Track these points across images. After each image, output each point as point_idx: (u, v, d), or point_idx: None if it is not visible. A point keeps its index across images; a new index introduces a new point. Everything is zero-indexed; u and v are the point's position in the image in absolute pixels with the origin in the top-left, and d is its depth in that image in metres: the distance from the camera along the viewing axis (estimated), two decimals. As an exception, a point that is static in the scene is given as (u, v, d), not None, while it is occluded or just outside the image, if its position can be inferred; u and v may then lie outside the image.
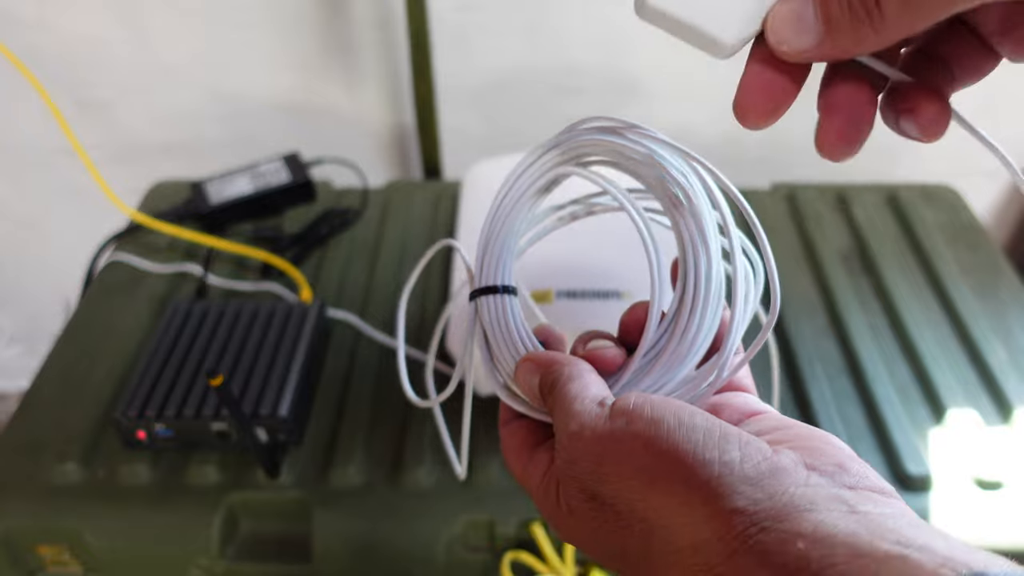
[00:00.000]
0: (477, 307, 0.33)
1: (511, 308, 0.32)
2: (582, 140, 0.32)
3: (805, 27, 0.24)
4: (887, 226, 0.78)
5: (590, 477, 0.26)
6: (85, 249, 0.80)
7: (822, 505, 0.22)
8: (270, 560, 0.56)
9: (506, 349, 0.32)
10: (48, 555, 0.57)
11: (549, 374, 0.30)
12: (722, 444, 0.24)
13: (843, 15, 0.24)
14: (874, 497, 0.23)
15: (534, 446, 0.31)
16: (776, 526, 0.22)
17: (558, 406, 0.28)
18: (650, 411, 0.25)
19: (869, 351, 0.65)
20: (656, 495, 0.24)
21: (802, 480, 0.23)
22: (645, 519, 0.24)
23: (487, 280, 0.33)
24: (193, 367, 0.60)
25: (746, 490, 0.23)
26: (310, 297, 0.70)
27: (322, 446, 0.59)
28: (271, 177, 0.82)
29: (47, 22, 0.90)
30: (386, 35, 0.90)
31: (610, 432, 0.25)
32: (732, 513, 0.22)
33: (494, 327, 0.32)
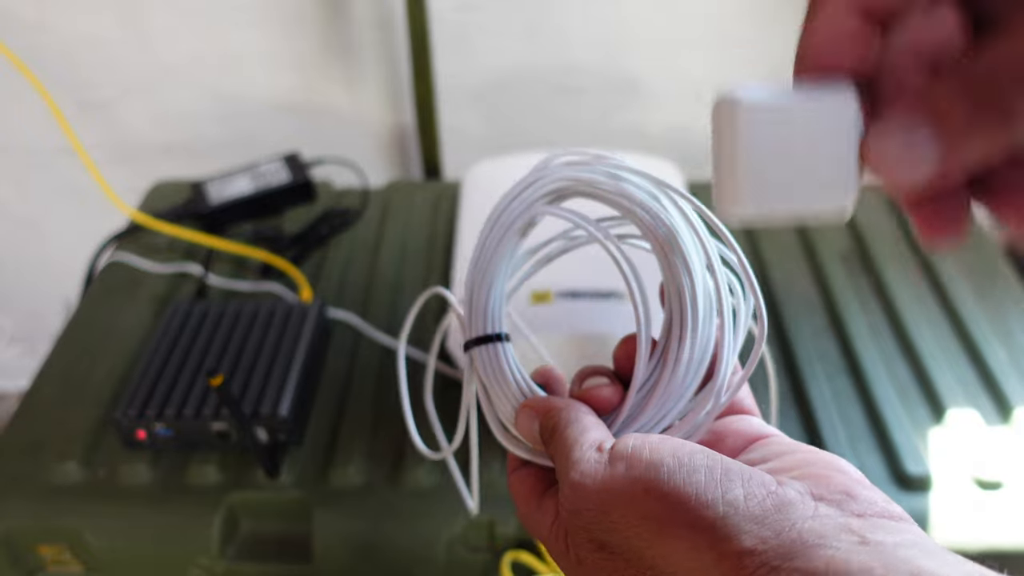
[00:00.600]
0: (471, 359, 0.33)
1: (504, 355, 0.32)
2: (554, 176, 0.31)
3: (920, 153, 0.21)
4: (887, 226, 0.78)
5: (596, 527, 0.25)
6: (85, 249, 0.80)
7: (832, 538, 0.21)
8: (270, 560, 0.56)
9: (504, 398, 0.32)
10: (48, 555, 0.57)
11: (548, 420, 0.29)
12: (724, 483, 0.23)
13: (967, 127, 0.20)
14: (885, 524, 0.23)
15: (542, 493, 0.31)
16: (786, 565, 0.21)
17: (559, 452, 0.28)
18: (648, 454, 0.25)
19: (869, 351, 0.65)
20: (662, 541, 0.23)
21: (809, 512, 0.22)
22: (654, 566, 0.24)
23: (477, 330, 0.32)
24: (193, 367, 0.60)
25: (753, 529, 0.22)
26: (310, 297, 0.70)
27: (322, 446, 0.59)
28: (271, 177, 0.82)
29: (48, 22, 0.90)
30: (386, 35, 0.90)
31: (611, 479, 0.25)
32: (740, 555, 0.22)
33: (490, 377, 0.32)
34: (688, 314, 0.29)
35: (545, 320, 0.57)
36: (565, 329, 0.57)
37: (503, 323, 0.33)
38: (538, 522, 0.30)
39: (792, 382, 0.63)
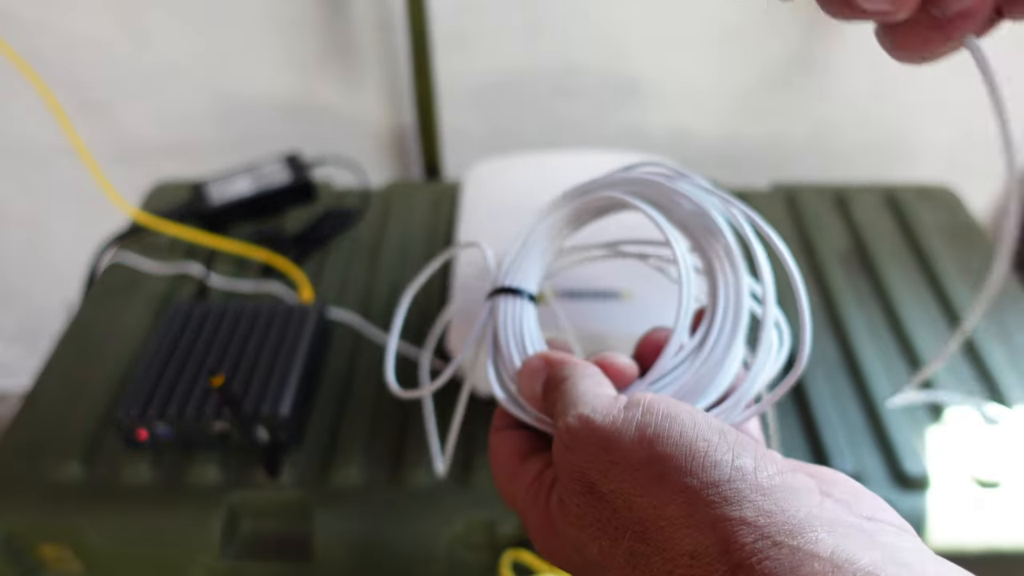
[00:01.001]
0: (493, 305, 0.32)
1: (529, 315, 0.31)
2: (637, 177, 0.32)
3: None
4: (886, 226, 0.79)
5: (593, 465, 0.24)
6: (86, 249, 0.80)
7: (840, 530, 0.20)
8: (271, 559, 0.56)
9: (516, 352, 0.31)
10: (49, 554, 0.57)
11: (559, 371, 0.28)
12: (737, 448, 0.22)
13: None
14: (892, 530, 0.21)
15: (525, 454, 0.30)
16: (789, 542, 0.20)
17: (564, 400, 0.27)
18: (666, 407, 0.24)
19: (868, 351, 0.65)
20: (660, 491, 0.22)
21: (816, 502, 0.21)
22: (642, 519, 0.22)
23: (512, 281, 0.32)
24: (194, 367, 0.60)
25: (758, 500, 0.21)
26: (311, 297, 0.71)
27: (322, 446, 0.59)
28: (272, 177, 0.82)
29: (48, 23, 0.90)
30: (386, 35, 0.90)
31: (623, 420, 0.24)
32: (740, 523, 0.20)
33: (507, 328, 0.31)
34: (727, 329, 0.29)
35: (545, 320, 0.57)
36: (565, 329, 0.57)
37: (535, 287, 0.32)
38: (516, 482, 0.29)
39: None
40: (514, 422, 0.31)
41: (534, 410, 0.30)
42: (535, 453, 0.30)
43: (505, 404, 0.31)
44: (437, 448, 0.40)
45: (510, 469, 0.30)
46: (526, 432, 0.31)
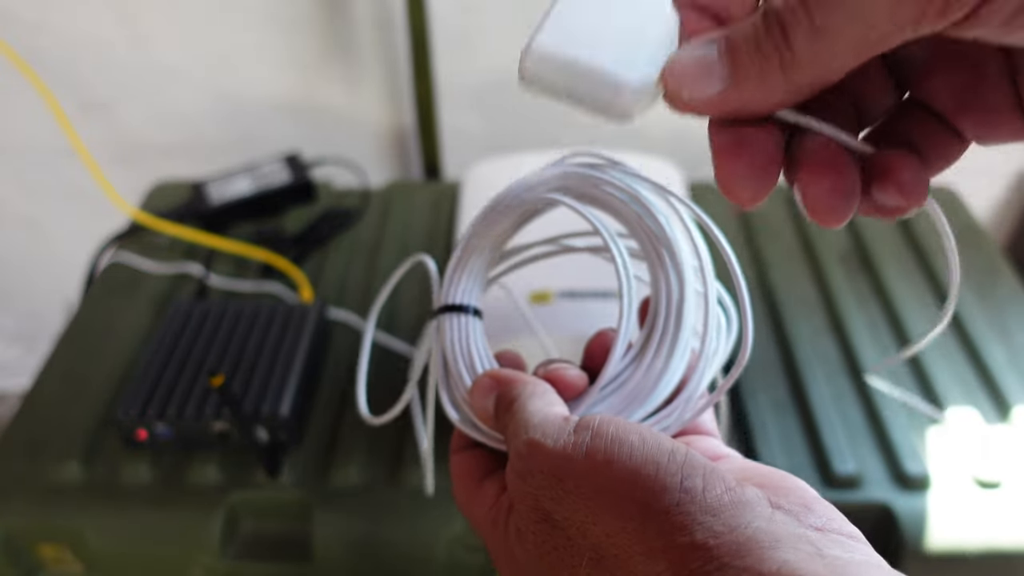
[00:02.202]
0: (439, 324, 0.32)
1: (474, 330, 0.31)
2: (568, 173, 0.31)
3: (709, 72, 0.22)
4: (886, 226, 0.78)
5: (545, 493, 0.24)
6: (86, 249, 0.80)
7: (787, 544, 0.20)
8: (270, 560, 0.56)
9: (464, 371, 0.31)
10: (49, 554, 0.57)
11: (509, 391, 0.28)
12: (686, 469, 0.22)
13: (751, 56, 0.21)
14: (841, 540, 0.22)
15: (482, 477, 0.30)
16: (736, 563, 0.20)
17: (515, 421, 0.27)
18: (615, 430, 0.24)
19: (868, 351, 0.65)
20: (612, 519, 0.22)
21: (766, 515, 0.21)
22: (597, 546, 0.23)
23: (452, 298, 0.32)
24: (194, 367, 0.60)
25: (706, 521, 0.21)
26: (311, 297, 0.71)
27: (322, 446, 0.59)
28: (272, 177, 0.82)
29: (48, 22, 0.90)
30: (386, 35, 0.90)
31: (573, 446, 0.24)
32: (689, 546, 0.21)
33: (453, 348, 0.31)
34: (671, 324, 0.29)
35: (545, 320, 0.57)
36: (565, 329, 0.57)
37: (478, 300, 0.32)
38: (476, 504, 0.29)
39: (792, 382, 0.63)
40: (470, 443, 0.31)
41: (488, 429, 0.30)
42: (492, 474, 0.30)
43: (458, 424, 0.31)
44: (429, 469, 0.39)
45: (468, 492, 0.29)
46: (483, 452, 0.31)
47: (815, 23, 0.20)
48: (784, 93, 0.21)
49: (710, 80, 0.22)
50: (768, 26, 0.20)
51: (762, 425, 0.59)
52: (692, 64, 0.22)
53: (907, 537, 0.53)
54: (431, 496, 0.40)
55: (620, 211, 0.31)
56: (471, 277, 0.32)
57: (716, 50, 0.22)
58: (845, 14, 0.19)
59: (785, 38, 0.20)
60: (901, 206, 0.24)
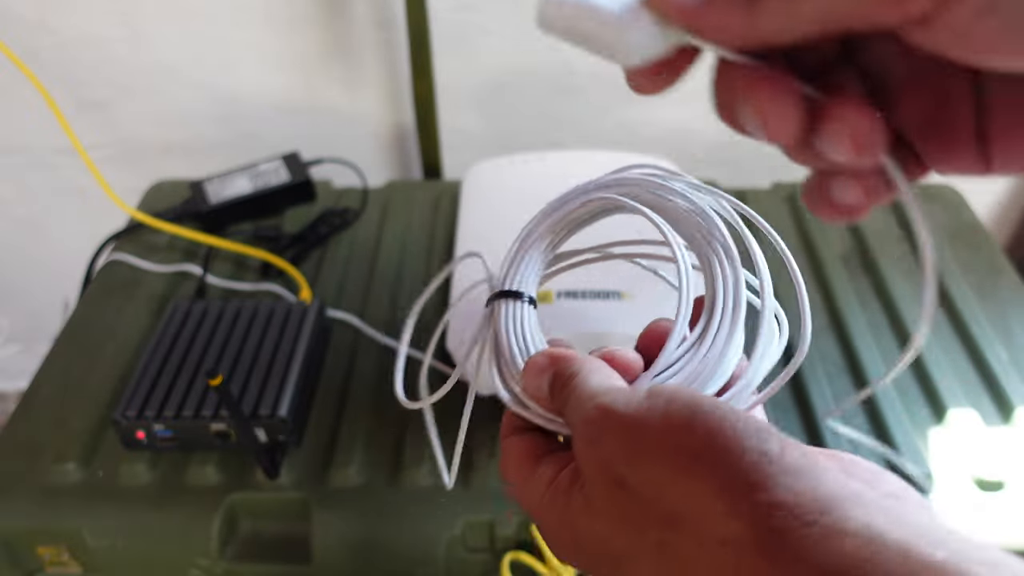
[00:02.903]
0: (494, 310, 0.32)
1: (530, 317, 0.32)
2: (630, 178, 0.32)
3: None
4: (887, 226, 0.78)
5: (619, 456, 0.24)
6: (85, 249, 0.80)
7: (868, 506, 0.20)
8: (270, 560, 0.56)
9: (519, 355, 0.31)
10: (47, 555, 0.57)
11: (566, 368, 0.28)
12: (762, 434, 0.22)
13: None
14: (917, 509, 0.22)
15: (539, 457, 0.29)
16: (821, 520, 0.20)
17: (575, 396, 0.27)
18: (689, 395, 0.24)
19: (869, 351, 0.65)
20: (690, 480, 0.22)
21: (842, 481, 0.21)
22: (672, 508, 0.23)
23: (511, 284, 0.32)
24: (192, 367, 0.60)
25: (786, 481, 0.21)
26: (310, 297, 0.70)
27: (322, 446, 0.59)
28: (271, 177, 0.82)
29: (48, 22, 0.90)
30: (386, 35, 0.90)
31: (648, 408, 0.24)
32: (770, 504, 0.21)
33: (509, 330, 0.32)
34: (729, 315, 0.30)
35: (545, 320, 0.57)
36: (565, 329, 0.56)
37: (534, 290, 0.33)
38: (531, 486, 0.28)
39: (792, 382, 0.63)
40: (522, 426, 0.31)
41: (541, 409, 0.30)
42: (547, 455, 0.29)
43: (511, 406, 0.31)
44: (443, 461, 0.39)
45: (524, 473, 0.29)
46: (536, 435, 0.31)
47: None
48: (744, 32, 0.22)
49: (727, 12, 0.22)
50: None
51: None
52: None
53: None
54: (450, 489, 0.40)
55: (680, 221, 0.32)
56: (528, 267, 0.33)
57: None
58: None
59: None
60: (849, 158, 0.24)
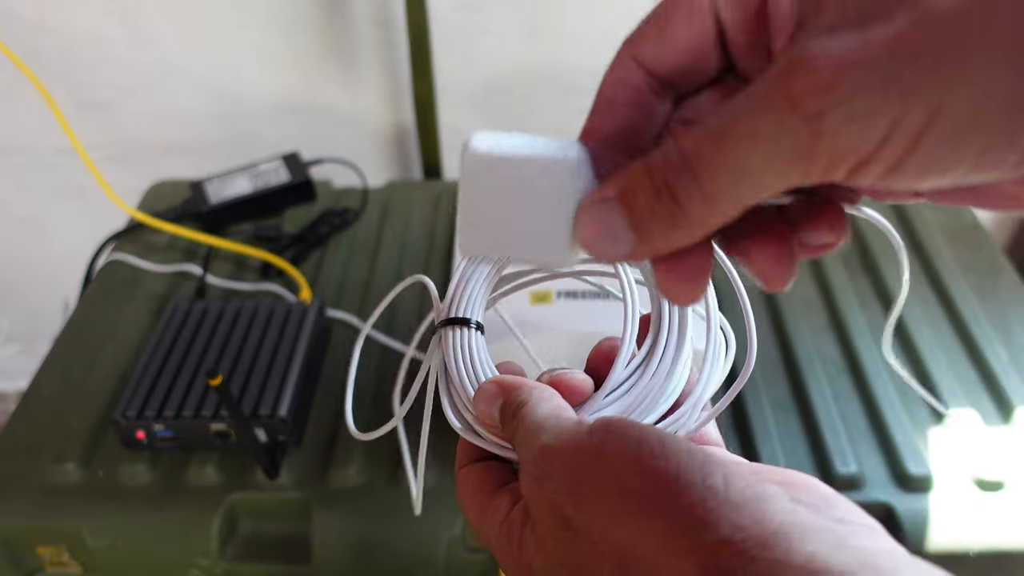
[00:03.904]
0: (442, 336, 0.32)
1: (476, 342, 0.32)
2: None
3: (615, 234, 0.22)
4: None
5: (565, 498, 0.24)
6: (85, 249, 0.80)
7: (813, 536, 0.20)
8: (270, 560, 0.56)
9: (467, 381, 0.31)
10: (47, 555, 0.57)
11: (515, 397, 0.28)
12: (706, 467, 0.22)
13: (648, 218, 0.21)
14: (863, 531, 0.22)
15: (492, 490, 0.29)
16: (764, 555, 0.20)
17: (524, 426, 0.27)
18: (632, 430, 0.24)
19: (870, 350, 0.65)
20: (636, 520, 0.22)
21: (788, 509, 0.21)
22: (621, 550, 0.22)
23: (455, 311, 0.32)
24: (192, 367, 0.60)
25: (731, 516, 0.21)
26: (310, 297, 0.70)
27: (322, 446, 0.59)
28: (271, 177, 0.82)
29: (47, 22, 0.90)
30: (386, 35, 0.90)
31: (590, 447, 0.24)
32: (716, 543, 0.21)
33: (456, 359, 0.31)
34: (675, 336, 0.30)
35: (545, 320, 0.57)
36: (565, 329, 0.56)
37: (480, 315, 0.32)
38: (487, 521, 0.28)
39: (792, 382, 0.63)
40: (476, 456, 0.31)
41: (493, 438, 0.30)
42: (501, 487, 0.29)
43: (464, 434, 0.31)
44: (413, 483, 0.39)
45: (479, 507, 0.29)
46: (490, 465, 0.30)
47: (705, 190, 0.20)
48: (689, 241, 0.22)
49: (618, 241, 0.22)
50: (657, 191, 0.21)
51: (763, 425, 0.59)
52: (597, 227, 0.22)
53: (908, 538, 0.53)
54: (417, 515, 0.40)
55: None
56: (473, 293, 0.33)
57: (614, 210, 0.22)
58: (732, 177, 0.19)
59: (677, 204, 0.20)
60: (833, 242, 0.25)
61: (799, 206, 0.25)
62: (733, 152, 0.19)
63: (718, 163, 0.19)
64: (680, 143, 0.20)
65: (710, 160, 0.19)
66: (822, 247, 0.25)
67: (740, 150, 0.19)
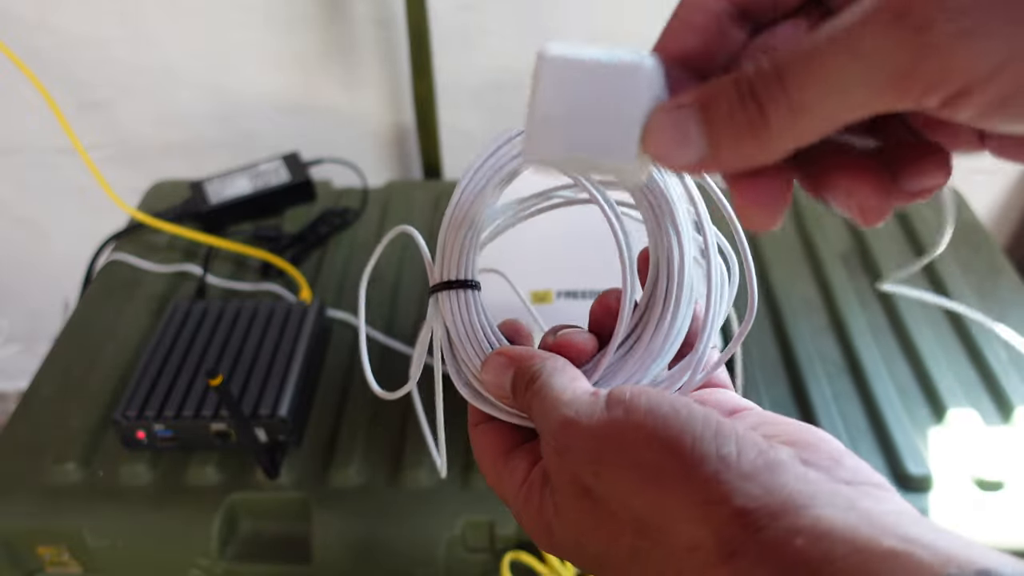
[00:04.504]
0: (438, 303, 0.31)
1: (475, 303, 0.31)
2: None
3: (685, 140, 0.21)
4: (887, 226, 0.78)
5: (585, 469, 0.25)
6: (85, 249, 0.79)
7: (821, 500, 0.21)
8: (270, 560, 0.56)
9: (470, 347, 0.30)
10: (47, 555, 0.57)
11: (527, 368, 0.28)
12: (720, 438, 0.23)
13: (725, 126, 0.21)
14: (872, 492, 0.22)
15: (509, 450, 0.29)
16: (774, 523, 0.21)
17: (539, 399, 0.27)
18: (647, 401, 0.24)
19: (869, 350, 0.65)
20: (654, 491, 0.23)
21: (800, 475, 0.22)
22: (640, 518, 0.23)
23: (448, 274, 0.31)
24: (192, 367, 0.60)
25: (743, 486, 0.22)
26: (310, 297, 0.70)
27: (322, 446, 0.59)
28: (271, 177, 0.82)
29: (47, 22, 0.90)
30: (386, 35, 0.90)
31: (608, 421, 0.24)
32: (729, 513, 0.22)
33: (456, 324, 0.31)
34: (675, 278, 0.29)
35: (545, 320, 0.57)
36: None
37: (476, 272, 0.32)
38: (506, 477, 0.29)
39: (792, 382, 0.63)
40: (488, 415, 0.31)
41: (505, 405, 0.30)
42: (517, 448, 0.29)
43: (474, 402, 0.31)
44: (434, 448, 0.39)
45: (496, 469, 0.29)
46: (503, 424, 0.30)
47: (792, 100, 0.19)
48: (762, 159, 0.21)
49: (688, 148, 0.21)
50: (742, 98, 0.20)
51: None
52: (669, 131, 0.22)
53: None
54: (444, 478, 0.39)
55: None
56: (464, 250, 0.31)
57: (690, 117, 0.21)
58: (823, 89, 0.19)
59: (761, 112, 0.20)
60: (937, 184, 0.24)
61: (899, 147, 0.24)
62: (830, 63, 0.18)
63: (811, 73, 0.19)
64: (773, 55, 0.19)
65: (803, 69, 0.19)
66: (922, 192, 0.24)
67: (836, 62, 0.18)
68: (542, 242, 0.54)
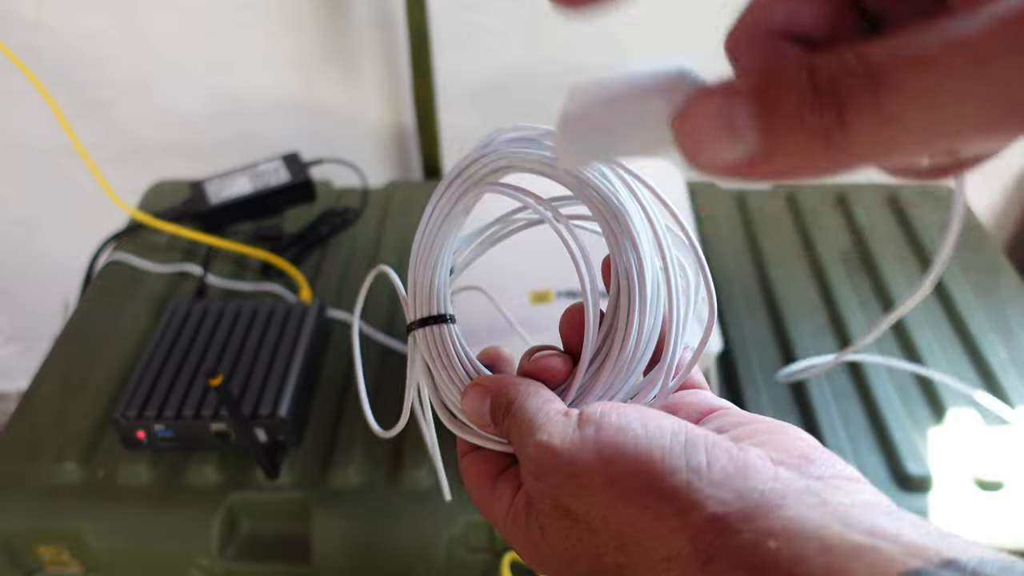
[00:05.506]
0: (414, 340, 0.32)
1: (449, 337, 0.31)
2: (500, 153, 0.31)
3: (731, 132, 0.17)
4: (887, 226, 0.78)
5: (563, 490, 0.25)
6: (85, 249, 0.79)
7: (792, 500, 0.22)
8: (270, 560, 0.56)
9: (449, 381, 0.31)
10: (47, 555, 0.57)
11: (502, 396, 0.29)
12: (689, 449, 0.24)
13: (791, 128, 0.16)
14: (844, 485, 0.23)
15: (495, 477, 0.30)
16: (748, 527, 0.21)
17: (517, 424, 0.27)
18: (616, 419, 0.25)
19: (870, 350, 0.65)
20: (628, 507, 0.24)
21: (771, 476, 0.23)
22: (619, 534, 0.24)
23: (420, 312, 0.32)
24: (192, 367, 0.60)
25: (715, 493, 0.22)
26: (310, 297, 0.70)
27: (322, 446, 0.59)
28: (271, 177, 0.82)
29: (47, 22, 0.90)
30: (386, 35, 0.90)
31: (580, 441, 0.25)
32: (703, 521, 0.22)
33: (435, 359, 0.31)
34: (636, 288, 0.29)
35: (545, 320, 0.57)
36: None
37: (448, 304, 0.32)
38: (494, 504, 0.29)
39: (792, 381, 0.63)
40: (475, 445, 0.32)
41: (487, 434, 0.30)
42: (504, 473, 0.30)
43: (459, 433, 0.32)
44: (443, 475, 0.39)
45: (484, 495, 0.30)
46: (490, 452, 0.31)
47: (882, 108, 0.15)
48: (825, 171, 0.17)
49: (731, 143, 0.17)
50: (817, 93, 0.16)
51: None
52: (710, 119, 0.18)
53: (908, 538, 0.53)
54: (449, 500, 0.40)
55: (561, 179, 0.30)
56: (433, 285, 0.32)
57: (740, 105, 0.17)
58: (928, 106, 0.15)
59: (840, 118, 0.16)
60: None
61: None
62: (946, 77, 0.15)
63: (915, 83, 0.15)
64: (865, 49, 0.16)
65: (907, 77, 0.15)
66: None
67: (954, 78, 0.15)
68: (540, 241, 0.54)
